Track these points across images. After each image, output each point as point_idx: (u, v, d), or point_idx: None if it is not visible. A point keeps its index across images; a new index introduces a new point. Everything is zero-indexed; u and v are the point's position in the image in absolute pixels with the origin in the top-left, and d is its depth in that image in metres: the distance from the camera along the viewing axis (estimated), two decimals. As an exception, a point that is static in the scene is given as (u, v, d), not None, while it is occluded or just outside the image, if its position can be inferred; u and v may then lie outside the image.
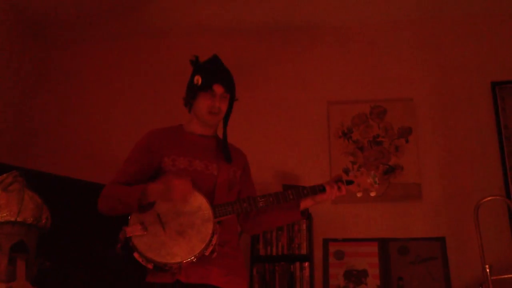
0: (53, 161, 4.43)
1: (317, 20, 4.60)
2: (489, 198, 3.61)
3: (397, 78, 4.45)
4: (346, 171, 4.17)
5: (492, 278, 3.33)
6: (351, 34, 4.63)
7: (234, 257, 2.32)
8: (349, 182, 2.40)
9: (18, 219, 2.59)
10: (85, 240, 3.49)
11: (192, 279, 2.16)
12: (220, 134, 2.48)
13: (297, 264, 3.89)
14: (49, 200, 2.87)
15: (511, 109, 4.16)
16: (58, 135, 4.70)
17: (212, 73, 2.39)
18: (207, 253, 2.14)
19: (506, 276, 3.40)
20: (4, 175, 2.71)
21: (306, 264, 3.89)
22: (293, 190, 2.34)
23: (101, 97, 4.82)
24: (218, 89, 2.36)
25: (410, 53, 4.50)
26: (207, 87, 2.35)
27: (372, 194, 2.43)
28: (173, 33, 4.83)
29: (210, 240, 2.14)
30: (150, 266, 2.10)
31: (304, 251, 3.92)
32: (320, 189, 2.36)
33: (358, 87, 4.48)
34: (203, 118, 2.39)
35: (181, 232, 2.14)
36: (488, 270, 3.34)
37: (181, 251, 2.11)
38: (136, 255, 2.09)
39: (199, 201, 2.21)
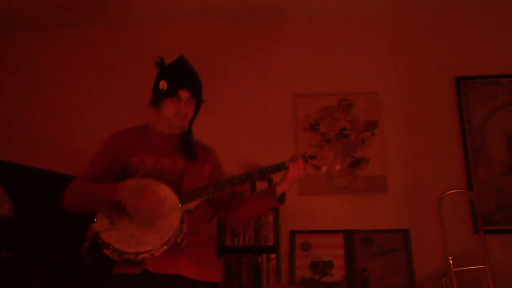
0: (14, 150, 4.31)
1: (285, 12, 4.58)
2: (452, 191, 3.68)
3: (364, 72, 4.46)
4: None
5: (454, 269, 3.41)
6: (319, 27, 4.63)
7: (205, 248, 2.30)
8: (312, 157, 2.36)
9: (-21, 209, 2.52)
10: (48, 231, 3.42)
11: (161, 269, 2.13)
12: None
13: (264, 255, 3.90)
14: (11, 190, 2.80)
15: (474, 104, 4.24)
16: (20, 123, 4.56)
17: (178, 77, 2.33)
18: (178, 240, 2.11)
19: (468, 267, 3.47)
20: (-36, 163, 2.63)
21: (273, 255, 3.90)
22: (257, 170, 2.33)
23: (62, 85, 4.68)
24: (184, 94, 2.32)
25: (376, 47, 4.52)
26: (172, 93, 2.31)
27: (337, 167, 2.37)
28: (135, 21, 4.71)
29: (180, 227, 2.12)
30: (122, 259, 2.06)
31: (271, 242, 3.93)
32: (284, 166, 2.34)
33: (325, 80, 4.48)
34: (170, 121, 2.37)
35: (150, 222, 2.11)
36: (450, 261, 3.42)
37: (151, 240, 2.08)
38: (106, 251, 2.05)
39: (165, 191, 2.18)
